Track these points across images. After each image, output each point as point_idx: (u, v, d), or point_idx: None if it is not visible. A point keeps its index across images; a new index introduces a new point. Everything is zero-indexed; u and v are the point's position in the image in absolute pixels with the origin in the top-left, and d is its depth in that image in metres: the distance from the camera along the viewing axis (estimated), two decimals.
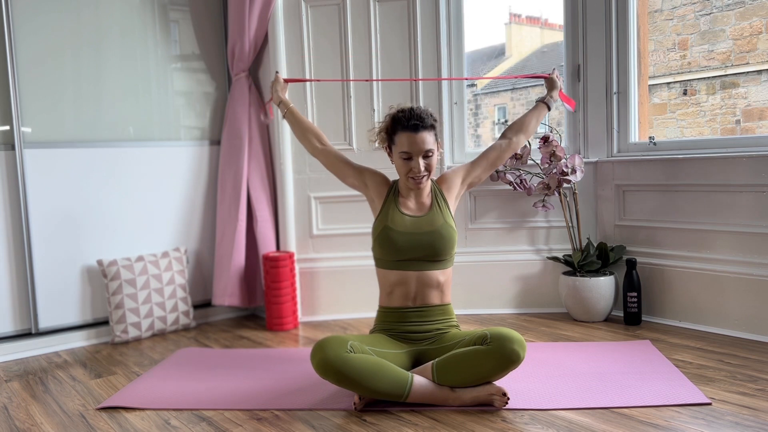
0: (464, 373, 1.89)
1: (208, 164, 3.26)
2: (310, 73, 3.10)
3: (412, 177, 2.08)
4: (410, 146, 2.05)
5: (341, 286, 3.13)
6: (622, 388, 2.00)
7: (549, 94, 2.43)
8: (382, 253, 2.12)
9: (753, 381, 2.04)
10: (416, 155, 2.05)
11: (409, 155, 2.06)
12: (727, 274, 2.59)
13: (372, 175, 2.22)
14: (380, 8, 3.07)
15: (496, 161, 2.29)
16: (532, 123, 2.36)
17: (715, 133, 8.30)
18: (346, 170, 2.25)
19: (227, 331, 3.02)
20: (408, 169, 2.07)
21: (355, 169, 2.24)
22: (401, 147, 2.07)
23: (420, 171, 2.05)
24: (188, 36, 3.22)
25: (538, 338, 2.64)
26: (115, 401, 2.09)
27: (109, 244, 2.97)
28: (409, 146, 2.05)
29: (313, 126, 2.34)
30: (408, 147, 2.05)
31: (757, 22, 8.01)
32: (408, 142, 2.05)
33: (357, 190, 2.26)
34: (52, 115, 2.84)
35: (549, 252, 3.06)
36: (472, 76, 2.74)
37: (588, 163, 2.98)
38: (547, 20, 16.89)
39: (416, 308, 2.11)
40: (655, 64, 8.76)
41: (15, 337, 2.75)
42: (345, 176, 2.26)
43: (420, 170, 2.05)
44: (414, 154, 2.05)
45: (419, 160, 2.05)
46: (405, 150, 2.06)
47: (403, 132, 2.06)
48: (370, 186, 2.21)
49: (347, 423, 1.85)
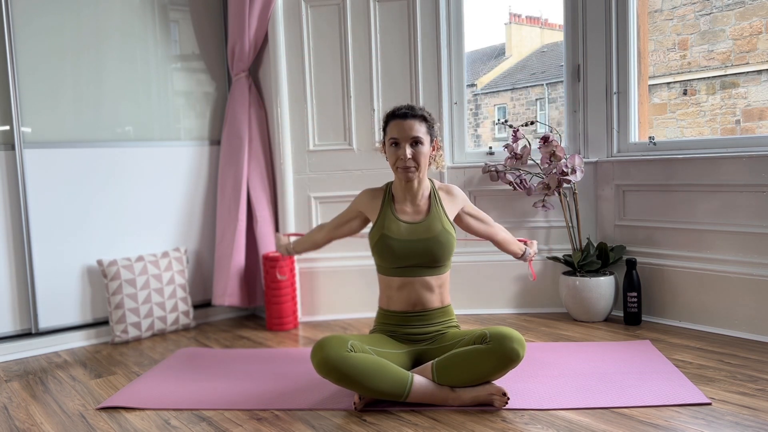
0: (464, 373, 1.89)
1: (208, 164, 3.26)
2: (310, 73, 3.10)
3: (401, 167, 2.06)
4: (398, 132, 2.05)
5: (341, 286, 3.13)
6: (622, 388, 2.00)
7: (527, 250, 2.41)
8: (380, 261, 2.12)
9: (753, 381, 2.04)
10: (403, 141, 2.05)
11: (397, 141, 2.06)
12: (727, 274, 2.59)
13: (359, 202, 2.21)
14: (380, 8, 3.07)
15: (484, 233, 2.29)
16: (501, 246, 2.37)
17: (715, 133, 8.31)
18: (349, 223, 2.25)
19: (227, 331, 3.02)
20: (396, 158, 2.07)
21: (350, 214, 2.24)
22: (390, 134, 2.08)
23: (406, 157, 2.04)
24: (188, 36, 3.22)
25: (538, 338, 2.64)
26: (115, 401, 2.09)
27: (109, 244, 2.97)
28: (398, 132, 2.05)
29: (312, 234, 2.35)
30: (396, 133, 2.06)
31: (757, 22, 8.02)
32: (396, 129, 2.06)
33: (366, 224, 2.25)
34: (52, 115, 2.84)
35: (549, 252, 3.06)
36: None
37: (588, 163, 2.98)
38: (547, 20, 16.91)
39: (417, 313, 2.10)
40: (655, 64, 8.77)
41: (15, 337, 2.75)
42: (353, 227, 2.26)
43: (406, 156, 2.04)
44: (401, 140, 2.05)
45: (406, 147, 2.04)
46: (393, 136, 2.06)
47: (393, 120, 2.09)
48: (363, 210, 2.20)
49: (347, 423, 1.85)
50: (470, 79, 15.27)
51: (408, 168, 2.06)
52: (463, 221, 2.24)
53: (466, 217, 2.24)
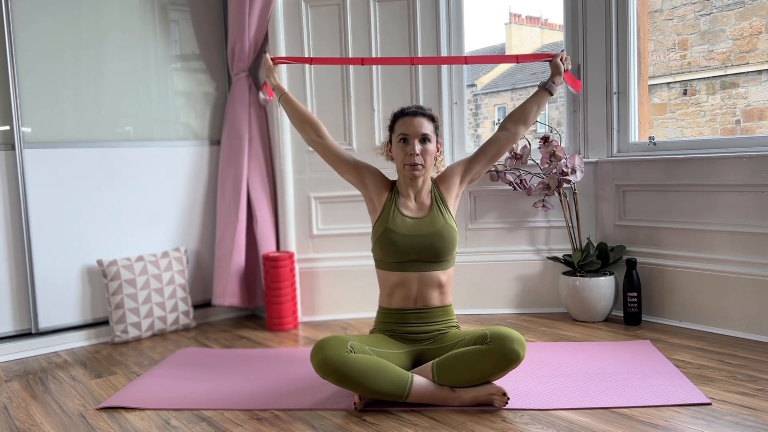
0: (464, 373, 1.89)
1: (208, 164, 3.26)
2: (310, 73, 3.10)
3: (409, 164, 2.08)
4: (407, 128, 2.09)
5: (341, 286, 3.13)
6: (622, 388, 2.00)
7: (552, 78, 2.24)
8: (382, 255, 2.12)
9: (753, 381, 2.04)
10: (413, 137, 2.08)
11: (406, 136, 2.09)
12: (727, 274, 2.59)
13: (371, 176, 2.20)
14: (380, 8, 3.07)
15: (496, 155, 2.22)
16: (533, 111, 2.21)
17: (715, 133, 8.31)
18: (343, 166, 2.23)
19: (227, 331, 3.02)
20: (404, 154, 2.09)
21: (352, 167, 2.22)
22: (399, 130, 2.11)
23: (415, 152, 2.06)
24: (188, 36, 3.22)
25: (538, 338, 2.64)
26: (115, 401, 2.09)
27: (109, 244, 2.97)
28: (407, 128, 2.09)
29: (310, 116, 2.28)
30: (405, 129, 2.09)
31: (757, 22, 8.02)
32: (405, 125, 2.10)
33: (354, 185, 2.25)
34: (52, 115, 2.84)
35: (549, 252, 3.06)
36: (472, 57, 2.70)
37: (588, 163, 2.98)
38: (547, 20, 16.92)
39: (417, 310, 2.11)
40: (655, 64, 8.77)
41: (15, 337, 2.75)
42: (342, 171, 2.25)
43: (415, 151, 2.06)
44: (410, 136, 2.08)
45: (415, 143, 2.07)
46: (402, 132, 2.09)
47: (402, 117, 2.12)
48: (370, 186, 2.20)
49: (347, 423, 1.85)
50: (470, 79, 15.27)
51: (416, 165, 2.08)
52: (477, 175, 2.23)
53: (475, 172, 2.22)
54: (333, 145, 2.25)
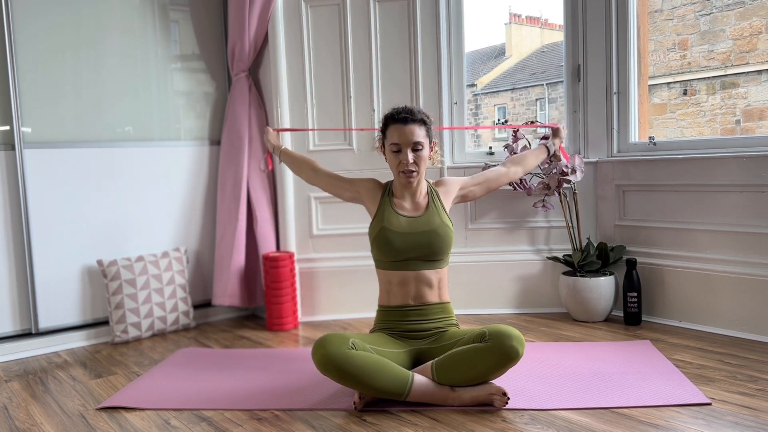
0: (464, 372, 1.89)
1: (208, 164, 3.26)
2: (310, 73, 3.10)
3: (403, 171, 2.10)
4: (399, 137, 2.09)
5: (341, 286, 3.13)
6: (622, 388, 2.00)
7: (552, 140, 2.64)
8: (380, 255, 2.13)
9: (753, 381, 2.04)
10: (405, 146, 2.09)
11: (399, 147, 2.10)
12: (727, 275, 2.59)
13: (363, 183, 2.26)
14: (380, 8, 3.07)
15: (491, 185, 2.36)
16: (531, 161, 2.51)
17: (715, 133, 8.31)
18: (341, 187, 2.30)
19: (227, 331, 3.02)
20: (398, 162, 2.11)
21: (348, 183, 2.29)
22: (391, 139, 2.12)
23: (408, 162, 2.08)
24: (188, 36, 3.22)
25: (538, 338, 2.64)
26: (115, 401, 2.09)
27: (109, 244, 2.96)
28: (398, 137, 2.09)
29: (305, 158, 2.42)
30: (397, 138, 2.10)
31: (757, 22, 8.02)
32: (397, 134, 2.10)
33: (356, 202, 2.30)
34: (52, 115, 2.84)
35: (549, 252, 3.06)
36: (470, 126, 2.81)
37: (588, 163, 2.98)
38: (547, 20, 16.92)
39: (415, 307, 2.12)
40: (655, 64, 8.77)
41: (15, 337, 2.75)
42: (341, 192, 2.31)
43: (408, 162, 2.08)
44: (403, 145, 2.09)
45: (408, 152, 2.08)
46: (395, 141, 2.10)
47: (393, 125, 2.12)
48: (363, 193, 2.24)
49: (347, 423, 1.85)
50: (470, 79, 15.28)
51: (411, 173, 2.10)
52: (470, 195, 2.31)
53: (469, 190, 2.30)
54: (329, 174, 2.34)
